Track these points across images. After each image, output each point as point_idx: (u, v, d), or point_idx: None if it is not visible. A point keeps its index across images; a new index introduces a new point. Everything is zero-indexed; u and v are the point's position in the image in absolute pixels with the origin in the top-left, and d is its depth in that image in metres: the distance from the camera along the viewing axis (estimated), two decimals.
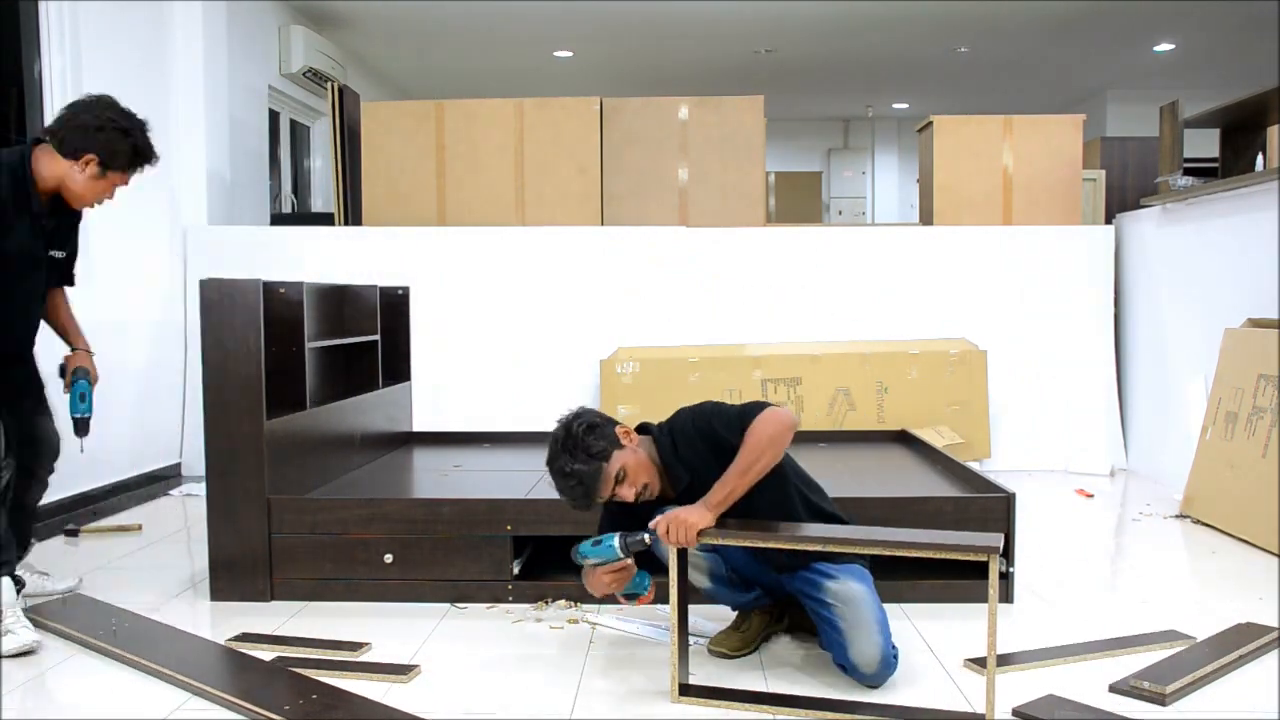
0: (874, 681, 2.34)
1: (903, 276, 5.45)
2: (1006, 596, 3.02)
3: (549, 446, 2.47)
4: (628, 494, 2.43)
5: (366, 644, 2.66)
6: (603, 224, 5.63)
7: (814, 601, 2.41)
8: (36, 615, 2.89)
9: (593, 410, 2.52)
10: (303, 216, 7.17)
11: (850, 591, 2.36)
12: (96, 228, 4.67)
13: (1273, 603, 3.01)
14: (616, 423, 2.49)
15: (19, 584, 2.89)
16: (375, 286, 4.12)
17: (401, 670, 2.48)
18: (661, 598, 2.51)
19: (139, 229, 5.06)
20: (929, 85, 10.15)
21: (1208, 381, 4.46)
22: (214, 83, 5.62)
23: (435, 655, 2.60)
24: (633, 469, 2.43)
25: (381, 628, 2.82)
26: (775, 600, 2.64)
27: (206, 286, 3.08)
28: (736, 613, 2.66)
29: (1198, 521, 4.05)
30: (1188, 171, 4.91)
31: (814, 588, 2.41)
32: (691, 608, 2.90)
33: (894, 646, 2.38)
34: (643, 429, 2.57)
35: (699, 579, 2.57)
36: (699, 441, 2.44)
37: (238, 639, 2.72)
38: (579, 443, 2.40)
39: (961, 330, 5.37)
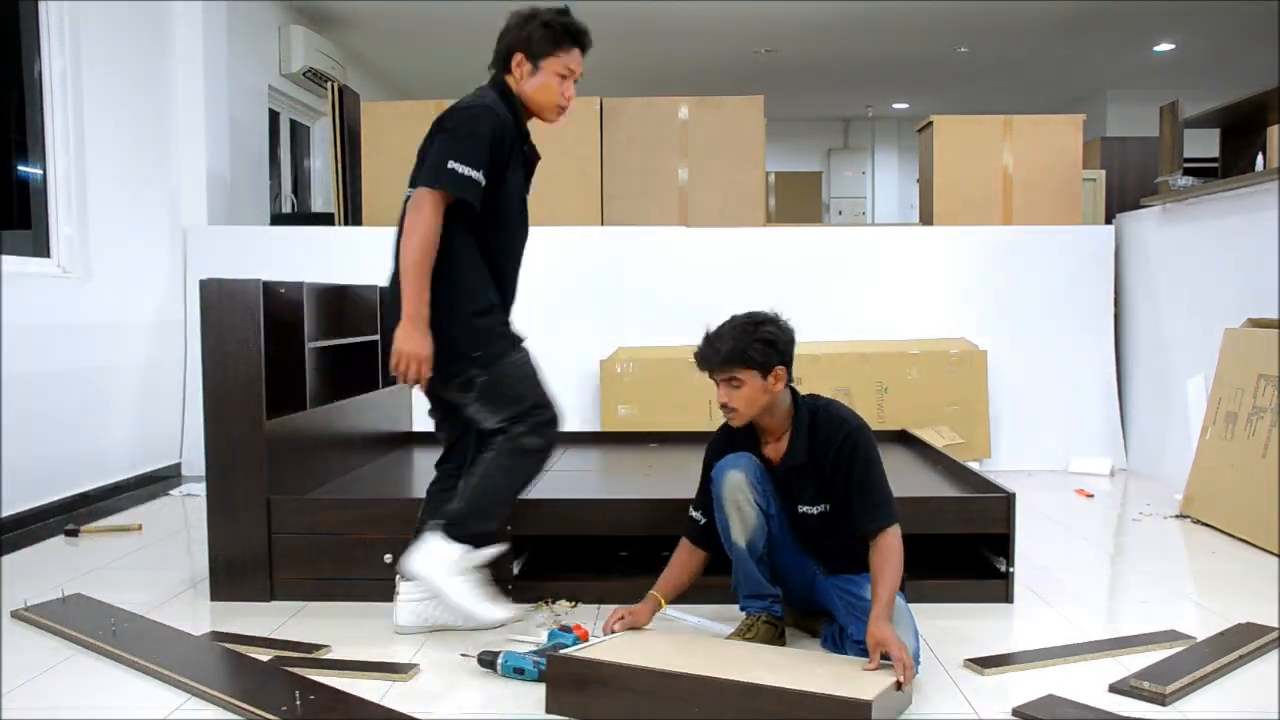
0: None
1: (903, 276, 5.45)
2: (1006, 596, 3.02)
3: (738, 315, 2.59)
4: (724, 397, 2.52)
5: (325, 646, 2.65)
6: (603, 224, 5.63)
7: (855, 597, 2.48)
8: (37, 615, 2.89)
9: (790, 338, 2.60)
10: (303, 216, 7.17)
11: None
12: (97, 227, 4.68)
13: (1273, 602, 3.01)
14: (791, 354, 2.57)
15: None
16: (375, 286, 4.12)
17: (400, 670, 2.48)
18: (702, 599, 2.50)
19: (139, 229, 5.06)
20: (929, 85, 10.15)
21: (1208, 381, 4.46)
22: (214, 83, 5.62)
23: (435, 655, 2.60)
24: (749, 393, 2.51)
25: (381, 628, 2.82)
26: (788, 610, 2.65)
27: (206, 286, 3.08)
28: (744, 615, 2.65)
29: (1198, 521, 4.05)
30: (1188, 171, 4.91)
31: (857, 586, 2.50)
32: (697, 607, 2.90)
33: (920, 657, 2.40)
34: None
35: (738, 535, 2.54)
36: (833, 458, 2.51)
37: (207, 637, 2.73)
38: (769, 334, 2.52)
39: (961, 330, 5.37)
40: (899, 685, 2.16)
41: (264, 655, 2.59)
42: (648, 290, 5.43)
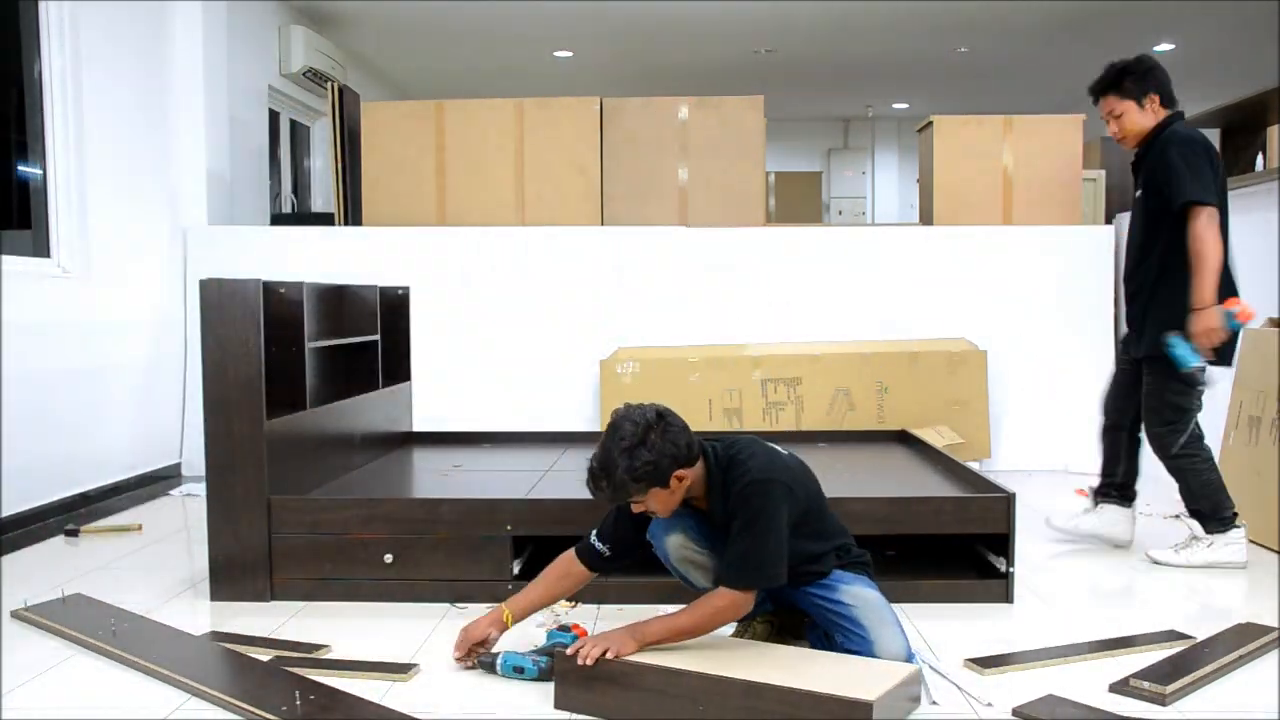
0: None
1: (903, 276, 5.45)
2: (1006, 596, 3.02)
3: (619, 425, 2.35)
4: (637, 509, 2.44)
5: (325, 645, 2.66)
6: (603, 224, 5.63)
7: (832, 603, 2.41)
8: (36, 615, 2.89)
9: (677, 436, 2.33)
10: (303, 216, 7.17)
11: (869, 595, 2.43)
12: (97, 227, 4.68)
13: (1273, 602, 3.01)
14: (685, 454, 2.33)
15: None
16: (375, 286, 4.13)
17: (400, 670, 2.48)
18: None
19: (139, 229, 5.06)
20: (929, 85, 10.15)
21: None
22: (214, 83, 5.62)
23: (435, 655, 2.60)
24: (660, 502, 2.38)
25: (381, 628, 2.82)
26: (777, 609, 2.63)
27: (206, 286, 3.08)
28: (738, 621, 2.64)
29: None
30: None
31: (831, 591, 2.43)
32: None
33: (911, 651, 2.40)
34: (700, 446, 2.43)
35: (700, 579, 2.54)
36: (732, 507, 2.37)
37: (207, 637, 2.73)
38: (646, 465, 2.29)
39: (961, 330, 5.37)
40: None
41: (264, 655, 2.59)
42: (648, 290, 5.43)
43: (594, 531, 2.58)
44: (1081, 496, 4.63)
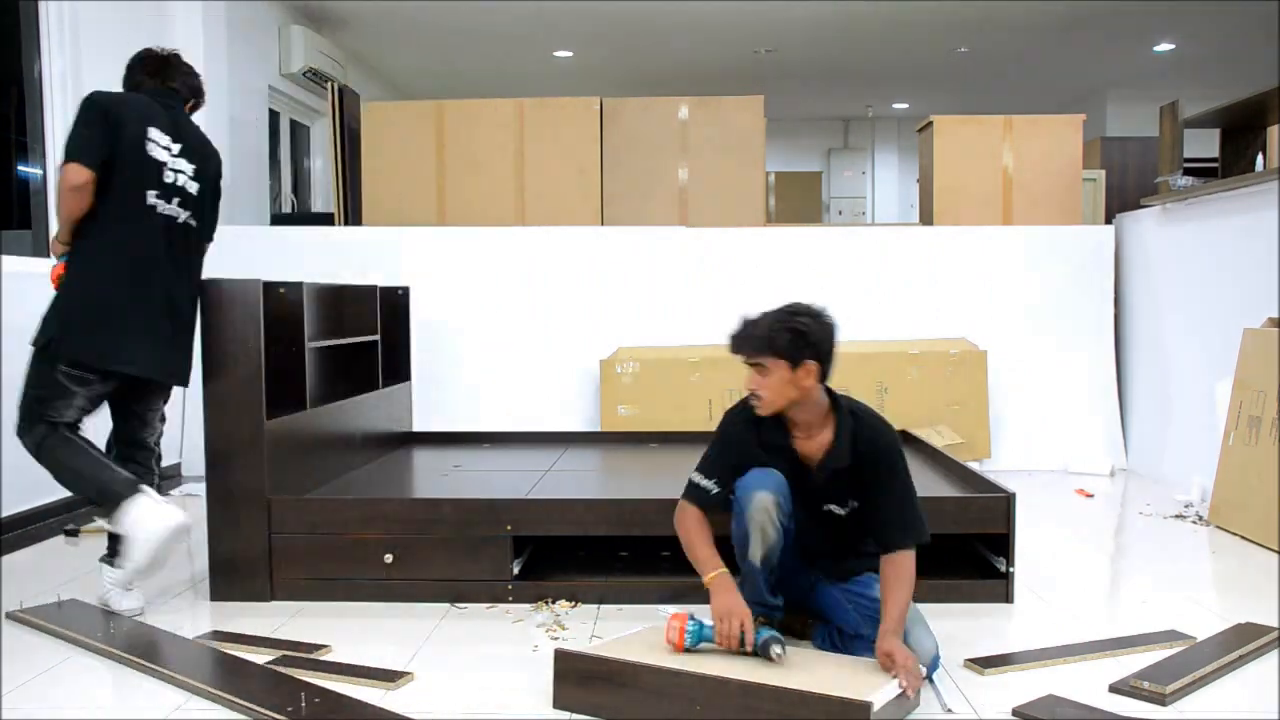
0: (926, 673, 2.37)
1: (903, 276, 5.45)
2: (1006, 596, 3.02)
3: (789, 304, 2.64)
4: (751, 384, 2.53)
5: (326, 646, 2.66)
6: (603, 224, 5.63)
7: (866, 600, 2.49)
8: (33, 617, 2.89)
9: (830, 335, 2.59)
10: (303, 216, 7.17)
11: None
12: None
13: (1273, 602, 3.01)
14: (826, 354, 2.55)
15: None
16: (375, 286, 4.13)
17: (396, 675, 2.47)
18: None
19: None
20: (929, 85, 10.15)
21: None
22: (214, 83, 5.60)
23: (434, 655, 2.60)
24: (775, 383, 2.50)
25: (381, 628, 2.82)
26: (787, 617, 2.64)
27: (206, 286, 3.08)
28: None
29: (1229, 531, 3.91)
30: (1188, 171, 4.91)
31: (868, 589, 2.51)
32: (698, 608, 2.89)
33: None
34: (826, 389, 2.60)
35: (755, 552, 2.48)
36: (869, 464, 2.51)
37: (209, 636, 2.74)
38: (801, 325, 2.54)
39: (961, 330, 5.38)
40: (906, 695, 2.18)
41: (265, 655, 2.59)
42: (648, 290, 5.43)
43: (692, 476, 2.59)
44: (1082, 496, 4.64)
